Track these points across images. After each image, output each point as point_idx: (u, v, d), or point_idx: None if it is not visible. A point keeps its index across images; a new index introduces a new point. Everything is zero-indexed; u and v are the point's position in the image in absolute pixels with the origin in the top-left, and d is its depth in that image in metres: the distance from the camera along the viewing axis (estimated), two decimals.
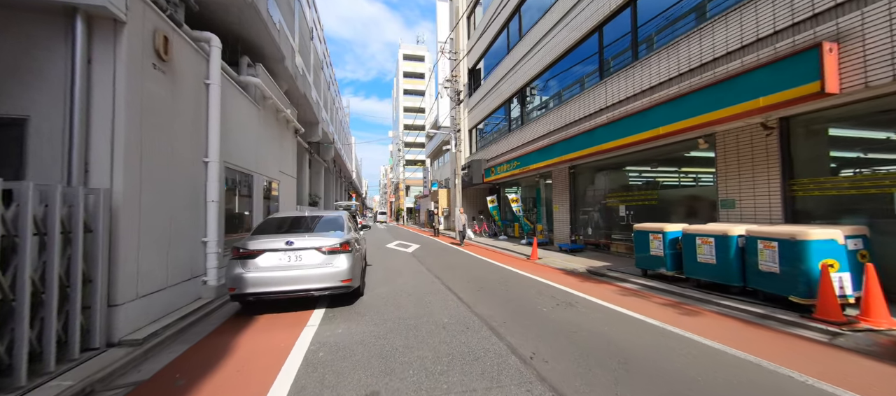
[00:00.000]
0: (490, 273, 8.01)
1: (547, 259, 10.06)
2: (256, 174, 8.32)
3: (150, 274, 4.31)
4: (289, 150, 11.59)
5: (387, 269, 8.51)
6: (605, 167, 11.06)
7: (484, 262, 9.73)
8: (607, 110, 9.44)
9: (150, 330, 4.03)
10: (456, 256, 11.19)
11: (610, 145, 8.77)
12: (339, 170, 32.38)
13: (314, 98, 15.14)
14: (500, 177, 16.21)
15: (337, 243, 4.85)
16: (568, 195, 12.32)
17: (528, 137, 14.04)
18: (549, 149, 11.97)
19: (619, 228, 10.33)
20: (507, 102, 16.67)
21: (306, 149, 16.65)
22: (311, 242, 4.76)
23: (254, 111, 8.27)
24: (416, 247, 13.73)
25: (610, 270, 7.87)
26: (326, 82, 20.44)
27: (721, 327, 4.21)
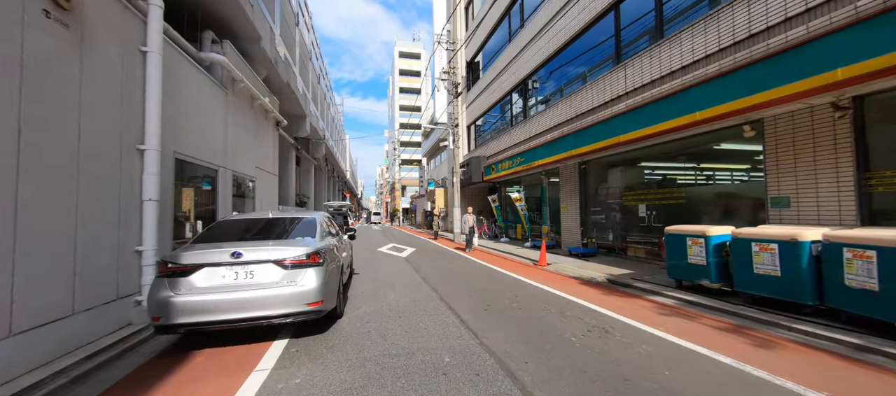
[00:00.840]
0: (496, 284, 6.87)
1: (557, 265, 8.95)
2: (223, 168, 7.13)
3: (41, 298, 3.13)
4: (268, 144, 10.40)
5: (376, 279, 7.35)
6: (621, 162, 9.96)
7: (487, 270, 8.60)
8: (627, 96, 8.34)
9: (32, 379, 2.86)
10: (456, 262, 10.05)
11: (631, 136, 7.67)
12: (331, 169, 31.13)
13: (300, 88, 13.95)
14: (502, 175, 15.09)
15: (303, 254, 3.69)
16: (577, 194, 11.21)
17: (532, 131, 12.93)
18: (556, 143, 10.87)
19: (637, 230, 9.24)
20: (508, 95, 15.56)
21: (292, 145, 15.45)
22: (266, 253, 3.60)
23: (219, 95, 7.09)
24: (411, 251, 12.57)
25: (635, 280, 6.76)
26: (316, 75, 19.24)
27: (820, 368, 3.10)
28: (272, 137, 10.79)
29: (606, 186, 10.68)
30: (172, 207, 5.30)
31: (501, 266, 9.16)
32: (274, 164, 10.99)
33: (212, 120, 6.69)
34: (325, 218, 5.14)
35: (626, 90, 8.36)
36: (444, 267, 8.88)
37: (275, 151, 11.14)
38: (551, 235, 12.91)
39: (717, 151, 7.59)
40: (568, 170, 11.65)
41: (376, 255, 11.47)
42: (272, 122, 10.79)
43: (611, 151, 9.12)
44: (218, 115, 6.94)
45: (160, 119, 4.66)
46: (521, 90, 14.83)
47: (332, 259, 4.36)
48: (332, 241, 4.70)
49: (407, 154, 57.96)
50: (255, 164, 9.19)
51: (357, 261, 9.83)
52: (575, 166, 11.27)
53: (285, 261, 3.61)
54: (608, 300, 5.58)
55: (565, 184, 11.84)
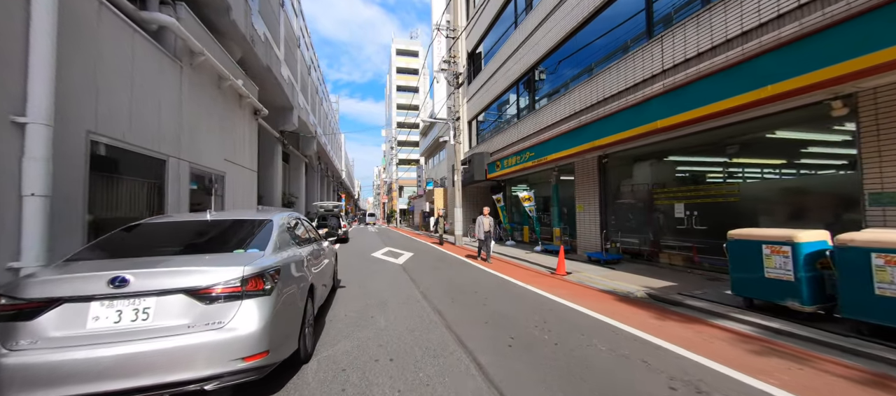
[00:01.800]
0: (514, 301, 5.54)
1: (579, 274, 7.64)
2: (175, 159, 5.77)
3: None
4: (243, 135, 9.04)
5: (365, 294, 6.00)
6: (649, 155, 8.66)
7: (499, 281, 7.27)
8: (664, 75, 7.05)
9: None
10: (460, 271, 8.71)
11: (671, 122, 6.37)
12: (325, 168, 29.75)
13: (285, 76, 12.59)
14: (507, 172, 13.78)
15: (235, 278, 2.35)
16: (596, 192, 9.91)
17: (543, 122, 11.63)
18: (572, 134, 9.57)
19: (672, 233, 7.93)
20: (514, 85, 14.26)
21: (278, 140, 14.08)
22: (172, 278, 2.25)
23: (171, 69, 5.73)
24: (408, 257, 11.22)
25: (684, 295, 5.46)
26: (306, 65, 17.89)
27: None
28: (249, 128, 9.42)
29: (631, 183, 9.38)
30: (84, 207, 3.93)
31: (513, 275, 7.83)
32: (251, 159, 9.62)
33: (157, 97, 5.33)
34: (290, 221, 3.79)
35: (663, 67, 7.07)
36: (448, 279, 7.54)
37: (252, 144, 9.77)
38: (565, 238, 11.59)
39: (772, 140, 6.31)
40: (585, 166, 10.34)
41: (369, 262, 10.12)
42: (248, 111, 9.42)
43: (640, 142, 7.82)
44: (167, 93, 5.58)
45: (54, 83, 3.30)
46: (528, 79, 13.54)
47: (293, 280, 3.02)
48: (296, 254, 3.36)
49: (404, 153, 56.60)
50: (225, 157, 7.83)
51: (346, 269, 8.48)
52: (594, 161, 9.97)
53: (205, 290, 2.27)
54: (666, 327, 4.26)
55: (582, 182, 10.53)
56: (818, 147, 5.88)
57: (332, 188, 39.85)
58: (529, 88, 13.67)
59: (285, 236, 3.36)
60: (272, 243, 2.98)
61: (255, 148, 10.00)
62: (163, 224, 3.17)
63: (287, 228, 3.52)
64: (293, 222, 4.02)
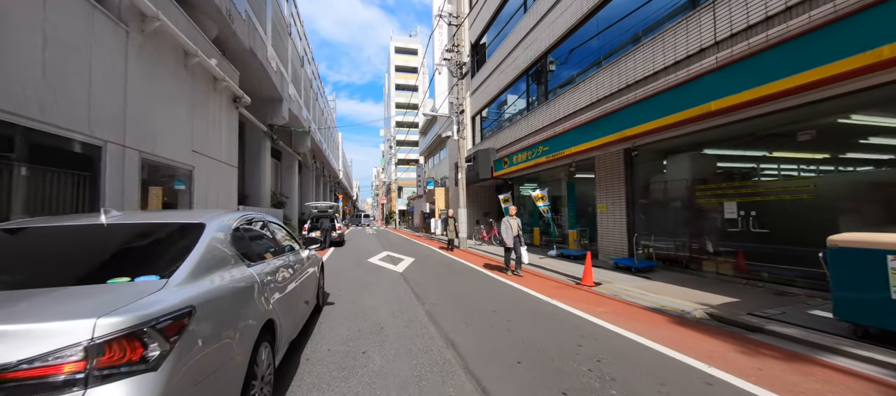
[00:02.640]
0: (547, 326, 4.36)
1: (611, 285, 6.47)
2: (116, 146, 4.58)
3: None
4: (219, 125, 7.86)
5: (356, 316, 4.83)
6: (689, 146, 7.50)
7: (519, 294, 6.09)
8: (718, 48, 5.89)
9: None
10: (470, 281, 7.53)
11: (732, 101, 5.23)
12: (320, 168, 28.56)
13: (273, 63, 11.41)
14: (516, 170, 12.63)
15: (74, 345, 1.17)
16: (622, 190, 8.75)
17: (560, 113, 10.47)
18: (594, 125, 8.43)
19: (721, 236, 6.77)
20: (524, 74, 13.11)
21: (266, 134, 12.89)
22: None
23: (107, 30, 4.55)
24: (408, 263, 10.04)
25: (760, 317, 4.30)
26: (298, 56, 16.71)
27: None
28: (227, 117, 8.24)
29: (664, 179, 8.23)
30: None
31: (533, 286, 6.66)
32: (230, 152, 8.43)
33: (84, 64, 4.14)
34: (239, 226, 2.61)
35: (715, 38, 5.91)
36: (456, 291, 6.36)
37: (232, 136, 8.58)
38: (583, 242, 10.43)
39: (847, 125, 5.17)
40: (608, 161, 9.18)
41: (365, 269, 8.92)
42: (226, 97, 8.23)
43: (683, 129, 6.65)
44: (102, 61, 4.39)
45: None
46: (539, 68, 12.40)
47: (228, 323, 1.85)
48: (240, 278, 2.17)
49: (403, 153, 55.40)
50: (194, 148, 6.64)
51: (338, 278, 7.30)
52: (619, 154, 8.81)
53: (8, 374, 1.09)
54: (767, 370, 3.09)
55: (604, 179, 9.37)
56: None
57: (329, 188, 38.64)
58: (540, 78, 12.53)
59: (222, 252, 2.17)
60: (191, 265, 1.80)
61: (236, 140, 8.81)
62: (20, 231, 1.98)
63: (229, 239, 2.32)
64: (247, 227, 2.83)
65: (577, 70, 10.20)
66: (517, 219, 8.05)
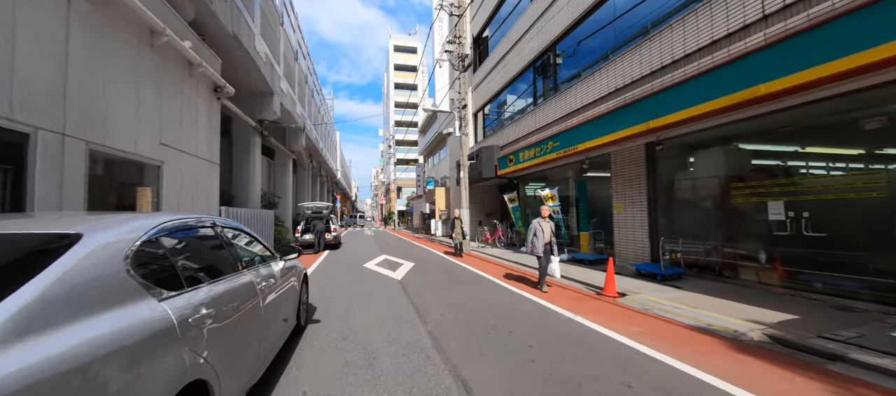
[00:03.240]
0: (578, 354, 3.55)
1: (637, 296, 5.67)
2: (52, 133, 3.75)
3: None
4: (195, 116, 7.03)
5: (344, 341, 4.02)
6: (721, 139, 6.70)
7: (537, 308, 5.27)
8: (766, 22, 5.09)
9: None
10: (478, 291, 6.73)
11: (792, 81, 4.43)
12: (317, 167, 27.74)
13: (262, 52, 10.60)
14: (522, 168, 11.82)
15: None
16: (644, 188, 7.95)
17: (572, 105, 9.67)
18: (613, 116, 7.64)
19: (763, 241, 5.97)
20: (531, 65, 12.31)
21: (255, 130, 12.06)
22: None
23: None
24: (408, 269, 9.23)
25: (837, 342, 3.50)
26: (292, 49, 15.90)
27: None
28: (206, 108, 7.42)
29: (691, 176, 7.44)
30: None
31: (551, 299, 5.84)
32: (210, 147, 7.61)
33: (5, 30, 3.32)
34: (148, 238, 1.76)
35: (763, 12, 5.10)
36: (463, 304, 5.55)
37: (213, 129, 7.76)
38: (598, 245, 9.63)
39: None
40: (627, 156, 8.39)
41: (359, 275, 8.10)
42: (205, 86, 7.41)
43: (717, 120, 5.84)
44: (29, 24, 3.57)
45: None
46: (548, 59, 11.62)
47: None
48: (135, 322, 1.34)
49: (402, 153, 54.57)
50: (163, 141, 5.82)
51: (328, 287, 6.48)
52: (640, 149, 8.02)
53: None
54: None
55: (621, 176, 8.57)
56: None
57: (327, 189, 37.78)
58: (548, 69, 11.74)
59: (106, 281, 1.34)
60: (19, 308, 0.99)
61: (217, 134, 7.99)
62: None
63: (128, 260, 1.48)
64: (176, 238, 2.01)
65: (592, 58, 9.40)
66: (550, 222, 6.57)
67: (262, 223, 11.25)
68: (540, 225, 6.44)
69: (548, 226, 6.47)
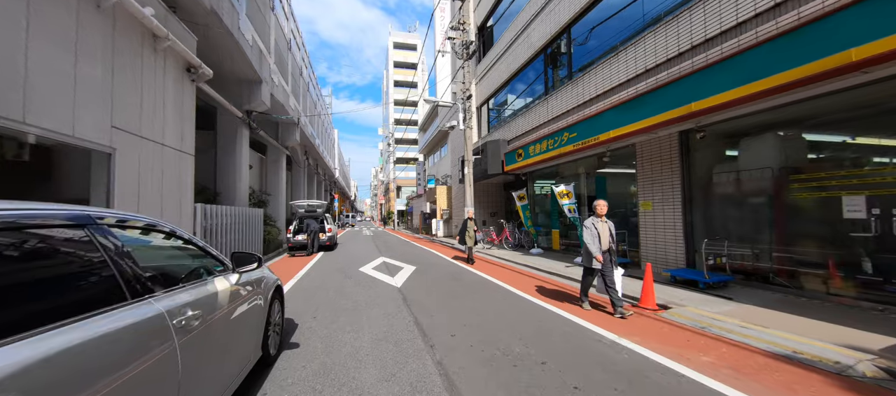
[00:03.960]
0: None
1: (683, 308, 4.71)
2: None
3: None
4: (161, 97, 6.06)
5: (321, 378, 3.07)
6: (776, 124, 5.74)
7: (568, 326, 4.30)
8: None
9: None
10: (491, 302, 5.76)
11: None
12: (313, 165, 26.75)
13: (248, 36, 9.62)
14: (532, 163, 10.85)
15: None
16: (678, 182, 6.99)
17: (592, 91, 8.71)
18: (641, 101, 6.70)
19: (838, 243, 5.00)
20: (542, 52, 11.34)
21: (242, 121, 11.09)
22: None
23: None
24: (409, 274, 8.26)
25: None
26: (284, 38, 14.93)
27: None
28: (175, 88, 6.44)
29: (733, 169, 6.48)
30: None
31: (581, 312, 4.88)
32: (181, 135, 6.64)
33: None
34: None
35: None
36: (478, 323, 4.58)
37: (185, 114, 6.79)
38: (620, 247, 8.66)
39: None
40: (656, 147, 7.43)
41: (353, 282, 7.13)
42: (175, 64, 6.43)
43: (780, 99, 4.88)
44: None
45: None
46: (559, 45, 10.67)
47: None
48: None
49: (401, 151, 53.58)
50: (114, 123, 4.84)
51: (316, 296, 5.51)
52: (672, 139, 7.06)
53: None
54: None
55: (649, 169, 7.61)
56: None
57: (325, 188, 36.78)
58: (557, 57, 10.79)
59: None
60: None
61: (191, 121, 7.03)
62: None
63: None
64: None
65: (615, 39, 8.43)
66: (609, 223, 5.00)
67: (249, 222, 10.28)
68: (594, 226, 4.90)
69: (606, 228, 4.92)
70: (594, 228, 4.90)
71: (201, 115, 12.17)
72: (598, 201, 5.05)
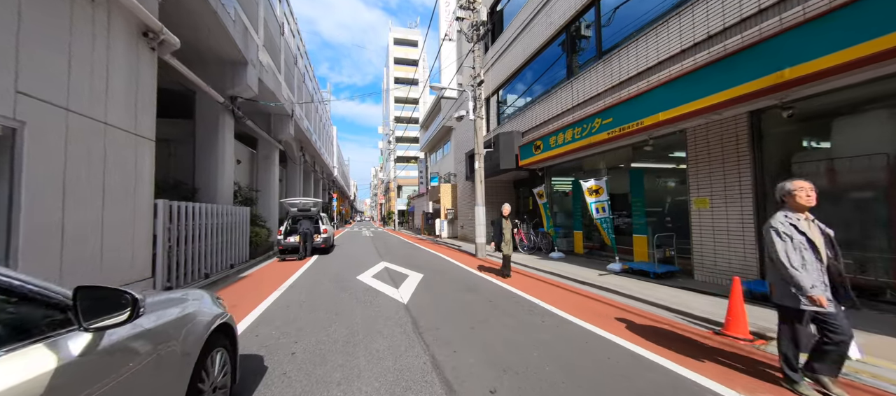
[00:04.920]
0: None
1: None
2: None
3: None
4: (107, 65, 4.76)
5: None
6: (870, 99, 4.46)
7: (660, 376, 3.02)
8: None
9: None
10: (528, 329, 4.48)
11: None
12: (311, 162, 25.45)
13: (230, 8, 8.32)
14: (554, 155, 9.57)
15: None
16: (749, 173, 5.70)
17: (634, 67, 7.42)
18: (704, 74, 5.43)
19: None
20: (565, 30, 10.05)
21: (225, 108, 9.79)
22: None
23: None
24: (416, 284, 6.98)
25: None
26: (277, 22, 13.64)
27: None
28: (125, 54, 5.16)
29: (826, 156, 5.19)
30: None
31: (649, 344, 3.60)
32: (134, 114, 5.35)
33: None
34: None
35: None
36: (524, 363, 3.30)
37: (140, 90, 5.51)
38: (669, 253, 7.37)
39: None
40: (716, 132, 6.14)
41: (348, 295, 5.84)
42: (124, 24, 5.14)
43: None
44: None
45: None
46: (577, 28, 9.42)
47: None
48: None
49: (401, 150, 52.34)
50: (20, 88, 3.54)
51: (299, 319, 4.23)
52: (740, 121, 5.77)
53: None
54: None
55: (706, 159, 6.32)
56: None
57: (323, 186, 35.47)
58: (577, 40, 9.51)
59: None
60: None
61: (150, 99, 5.73)
62: None
63: None
64: None
65: (655, 11, 7.15)
66: (821, 225, 2.70)
67: (232, 223, 8.98)
68: (796, 227, 2.63)
69: (818, 233, 2.63)
70: (796, 233, 2.61)
71: (178, 101, 10.88)
72: (795, 184, 2.72)
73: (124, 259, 5.00)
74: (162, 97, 10.94)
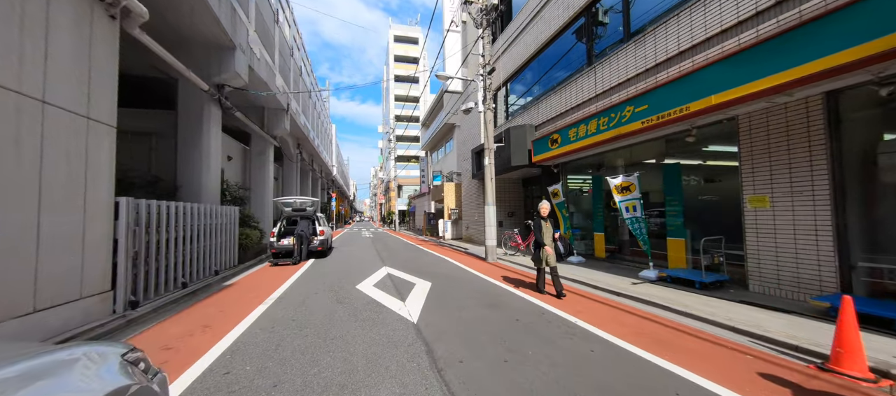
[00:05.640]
0: None
1: None
2: None
3: None
4: (46, 31, 3.83)
5: None
6: None
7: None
8: None
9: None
10: (576, 362, 3.54)
11: None
12: (308, 160, 24.52)
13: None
14: (573, 149, 8.64)
15: None
16: (825, 167, 4.77)
17: (675, 46, 6.50)
18: (762, 51, 4.53)
19: None
20: (584, 12, 9.13)
21: (212, 97, 8.85)
22: None
23: None
24: (425, 295, 6.06)
25: None
26: (271, 8, 12.70)
27: None
28: (69, 21, 4.22)
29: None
30: None
31: (737, 385, 2.68)
32: (87, 94, 4.43)
33: None
34: None
35: None
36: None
37: (95, 65, 4.58)
38: (717, 260, 6.44)
39: None
40: (780, 118, 5.21)
41: (347, 312, 4.92)
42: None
43: None
44: None
45: None
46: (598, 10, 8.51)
47: None
48: None
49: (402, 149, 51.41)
50: None
51: (283, 346, 3.30)
52: (812, 104, 4.85)
53: None
54: None
55: (766, 151, 5.40)
56: None
57: (321, 186, 34.51)
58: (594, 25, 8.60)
59: None
60: None
61: (108, 77, 4.80)
62: None
63: None
64: None
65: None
66: None
67: (218, 225, 8.04)
68: None
69: None
70: None
71: (159, 89, 9.90)
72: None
73: (71, 270, 4.07)
74: (142, 85, 9.91)
